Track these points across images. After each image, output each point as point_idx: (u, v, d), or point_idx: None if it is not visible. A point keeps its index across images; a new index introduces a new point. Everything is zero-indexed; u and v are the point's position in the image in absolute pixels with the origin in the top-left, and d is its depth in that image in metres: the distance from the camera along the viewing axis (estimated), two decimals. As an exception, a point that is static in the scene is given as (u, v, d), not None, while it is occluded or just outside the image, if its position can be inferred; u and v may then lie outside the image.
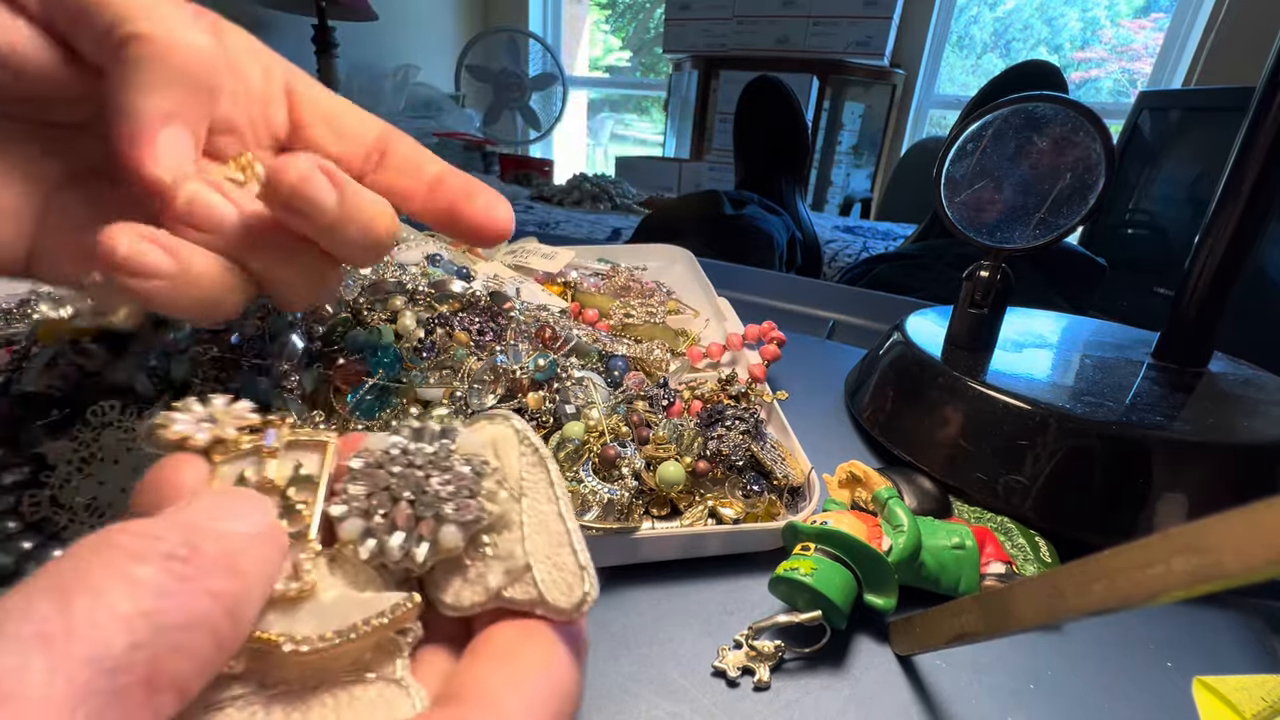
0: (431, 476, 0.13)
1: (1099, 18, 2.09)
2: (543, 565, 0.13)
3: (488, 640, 0.13)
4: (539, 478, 0.14)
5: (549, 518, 0.14)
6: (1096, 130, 0.32)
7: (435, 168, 0.19)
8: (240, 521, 0.11)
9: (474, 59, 2.42)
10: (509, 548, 0.14)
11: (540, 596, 0.13)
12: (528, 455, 0.14)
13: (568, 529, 0.13)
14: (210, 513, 0.11)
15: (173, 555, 0.09)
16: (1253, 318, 0.68)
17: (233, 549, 0.10)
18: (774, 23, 1.99)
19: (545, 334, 0.34)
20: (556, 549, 0.13)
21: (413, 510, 0.13)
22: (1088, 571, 0.15)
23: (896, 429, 0.36)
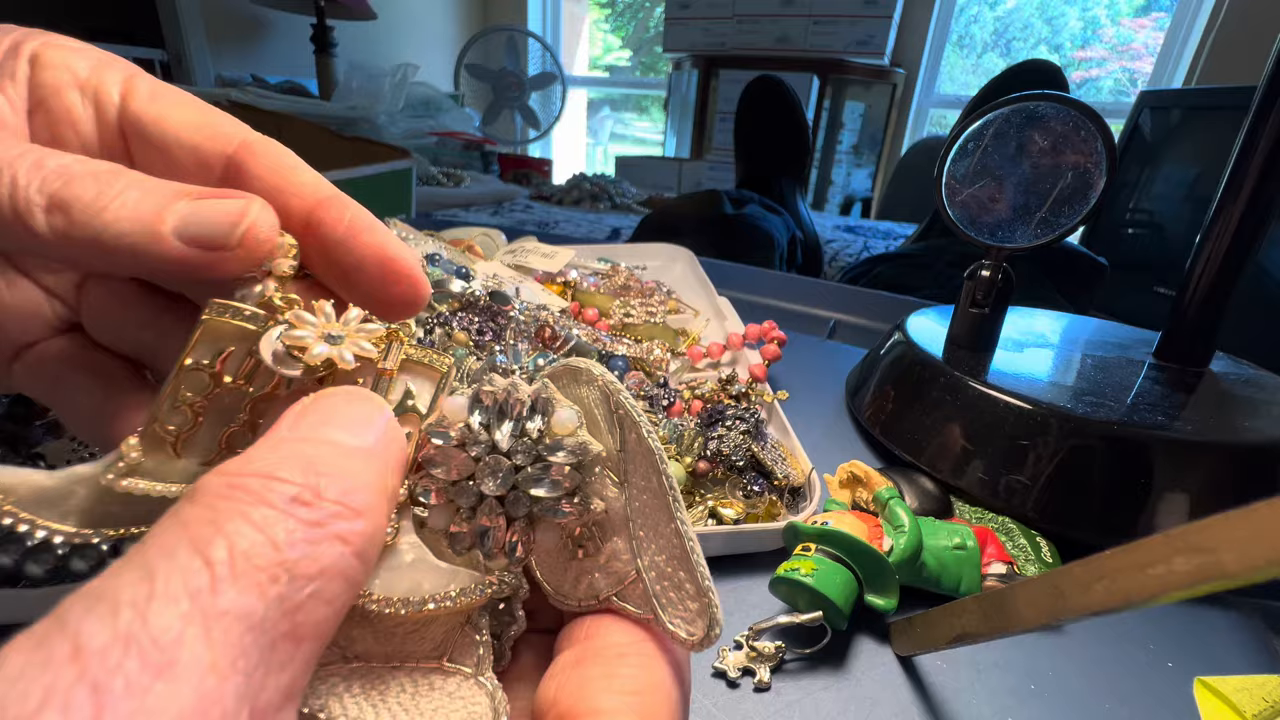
0: (523, 469, 0.11)
1: (1099, 17, 2.09)
2: (656, 579, 0.12)
3: (589, 640, 0.12)
4: (640, 455, 0.12)
5: (658, 514, 0.12)
6: (1097, 129, 0.32)
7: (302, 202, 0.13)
8: (356, 432, 0.10)
9: (473, 58, 2.42)
10: (616, 550, 0.12)
11: (656, 617, 0.12)
12: (630, 432, 0.12)
13: (682, 535, 0.11)
14: (323, 422, 0.10)
15: (297, 499, 0.09)
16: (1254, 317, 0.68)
17: (353, 480, 0.09)
18: (774, 22, 1.99)
19: (545, 333, 0.34)
20: (671, 562, 0.11)
21: (503, 509, 0.12)
22: (1089, 572, 0.15)
23: (897, 429, 0.36)
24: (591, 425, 0.12)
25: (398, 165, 0.90)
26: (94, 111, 0.13)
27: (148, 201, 0.12)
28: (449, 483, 0.11)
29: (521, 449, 0.11)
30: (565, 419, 0.11)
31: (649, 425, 0.12)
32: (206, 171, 0.14)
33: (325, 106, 1.50)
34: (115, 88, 0.13)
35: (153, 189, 0.12)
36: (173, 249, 0.11)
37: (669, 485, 0.11)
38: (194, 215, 0.12)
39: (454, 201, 1.43)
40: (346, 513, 0.09)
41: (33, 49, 0.13)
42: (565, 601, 0.12)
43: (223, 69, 1.96)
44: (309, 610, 0.08)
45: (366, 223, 0.13)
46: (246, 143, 0.13)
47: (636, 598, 0.12)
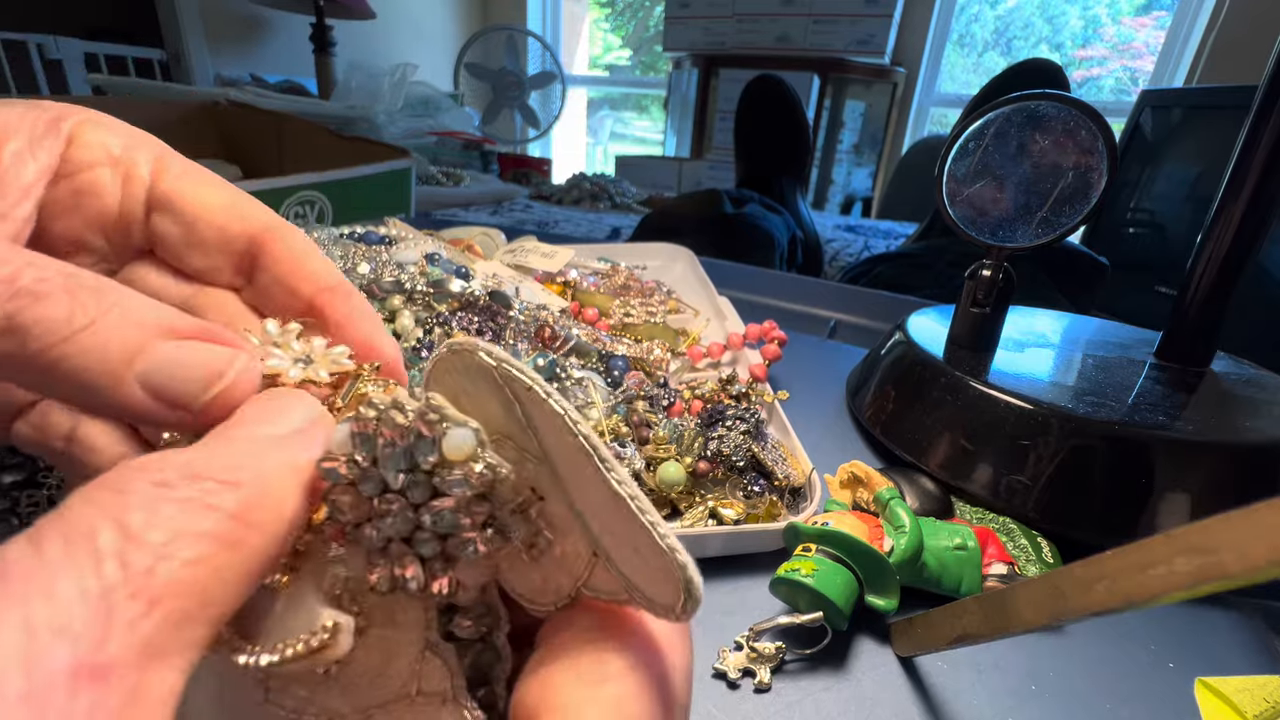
0: (422, 508, 0.10)
1: (1100, 16, 2.09)
2: (615, 551, 0.10)
3: (557, 633, 0.11)
4: (548, 422, 0.10)
5: (590, 483, 0.10)
6: (1098, 129, 0.32)
7: (311, 287, 0.14)
8: (266, 424, 0.10)
9: (473, 57, 2.42)
10: (561, 532, 0.11)
11: (630, 593, 0.10)
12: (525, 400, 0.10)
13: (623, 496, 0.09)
14: (236, 422, 0.10)
15: (161, 483, 0.09)
16: (1255, 317, 0.68)
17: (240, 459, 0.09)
18: (774, 21, 1.99)
19: (545, 333, 0.34)
20: (623, 531, 0.10)
21: (412, 551, 0.10)
22: (1090, 572, 0.15)
23: (898, 429, 0.36)
24: (488, 410, 0.11)
25: (397, 165, 0.90)
26: (120, 187, 0.14)
27: (123, 334, 0.10)
28: (352, 525, 0.10)
29: (416, 483, 0.10)
30: (458, 443, 0.10)
31: (546, 386, 0.10)
32: (228, 247, 0.14)
33: (324, 106, 1.50)
34: (146, 166, 0.14)
35: (136, 319, 0.11)
36: (130, 397, 0.11)
37: (588, 444, 0.10)
38: (168, 364, 0.11)
39: (453, 201, 1.43)
40: (218, 486, 0.09)
41: (70, 126, 0.14)
42: (540, 608, 0.11)
43: (222, 68, 1.96)
44: (160, 573, 0.08)
45: (363, 313, 0.14)
46: (269, 226, 0.14)
47: (604, 581, 0.11)
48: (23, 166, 0.13)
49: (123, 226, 0.14)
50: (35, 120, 0.13)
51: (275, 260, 0.14)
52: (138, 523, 0.08)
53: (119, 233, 0.14)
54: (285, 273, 0.14)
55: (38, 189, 0.13)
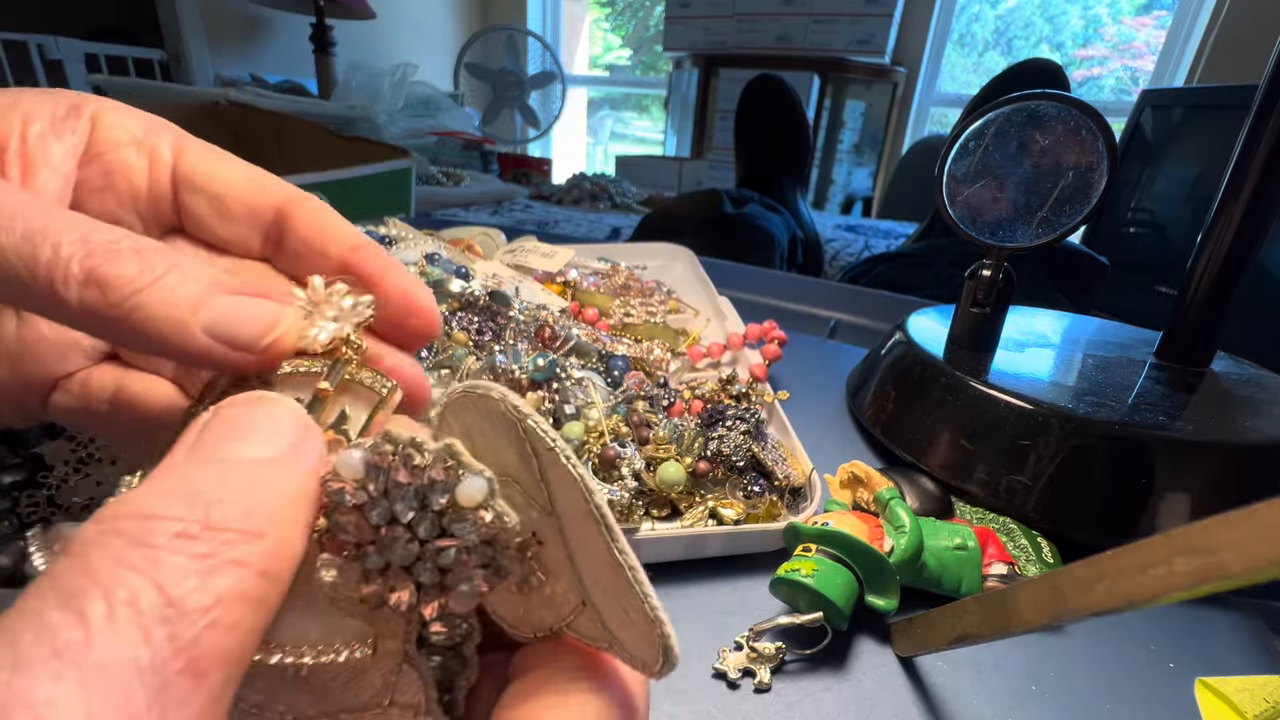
0: (427, 544, 0.10)
1: (1101, 15, 2.08)
2: (604, 606, 0.11)
3: (539, 667, 0.11)
4: (562, 482, 0.11)
5: (592, 542, 0.10)
6: (1098, 128, 0.32)
7: (339, 248, 0.15)
8: (260, 442, 0.10)
9: (473, 57, 2.42)
10: (558, 583, 0.11)
11: (613, 645, 0.11)
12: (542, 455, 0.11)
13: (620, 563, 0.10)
14: (222, 436, 0.10)
15: (182, 534, 0.08)
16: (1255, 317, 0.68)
17: (252, 498, 0.09)
18: (774, 20, 1.99)
19: (545, 333, 0.34)
20: (614, 592, 0.10)
21: (411, 576, 0.11)
22: (1090, 572, 0.15)
23: (898, 429, 0.36)
24: (502, 454, 0.11)
25: (397, 165, 0.90)
26: (147, 165, 0.15)
27: (186, 288, 0.12)
28: (353, 545, 0.11)
29: (424, 520, 0.10)
30: (472, 491, 0.10)
31: (566, 449, 0.10)
32: (256, 218, 0.15)
33: (324, 106, 1.50)
34: (167, 148, 0.15)
35: (193, 275, 0.12)
36: (199, 343, 0.12)
37: (598, 512, 0.10)
38: (227, 315, 0.12)
39: (453, 201, 1.43)
40: (242, 537, 0.09)
41: (92, 110, 0.15)
42: (520, 634, 0.12)
43: (222, 68, 1.96)
44: (207, 642, 0.08)
45: (394, 268, 0.15)
46: (292, 197, 0.15)
47: (587, 627, 0.11)
48: (48, 146, 0.14)
49: (154, 204, 0.15)
50: (55, 105, 0.14)
51: (302, 225, 0.15)
52: (175, 585, 0.08)
53: (151, 210, 0.15)
54: (313, 236, 0.15)
55: (67, 166, 0.14)
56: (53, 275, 0.11)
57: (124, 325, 0.11)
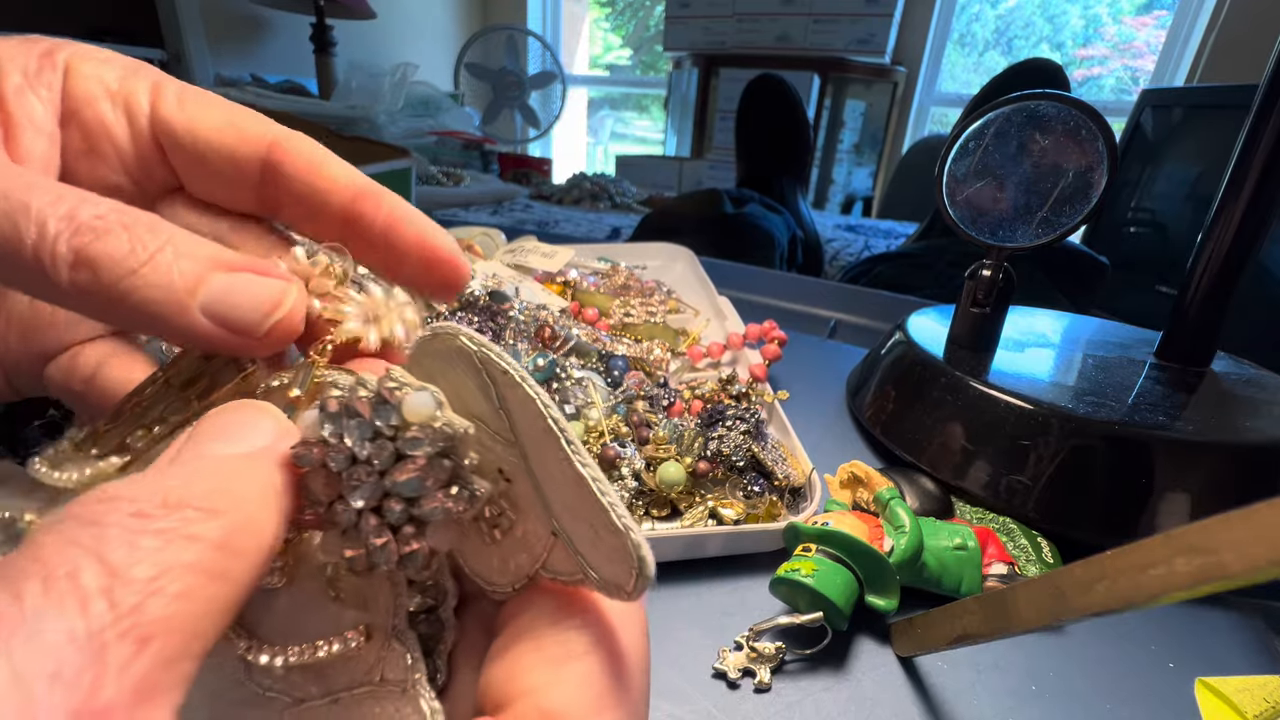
0: (389, 475, 0.10)
1: (1101, 15, 2.08)
2: (572, 532, 0.11)
3: (518, 616, 0.11)
4: (520, 405, 0.10)
5: (555, 464, 0.10)
6: (1098, 128, 0.32)
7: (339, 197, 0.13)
8: (234, 440, 0.10)
9: (473, 57, 2.42)
10: (524, 513, 0.11)
11: (585, 574, 0.10)
12: (501, 383, 0.10)
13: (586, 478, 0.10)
14: (201, 439, 0.10)
15: (138, 514, 0.08)
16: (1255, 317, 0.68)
17: (216, 483, 0.09)
18: (774, 20, 1.99)
19: (545, 333, 0.34)
20: (579, 509, 0.10)
21: (382, 521, 0.11)
22: (1090, 572, 0.15)
23: (898, 429, 0.36)
24: (463, 393, 0.11)
25: (397, 164, 0.90)
26: (126, 121, 0.13)
27: (181, 266, 0.11)
28: (325, 506, 0.11)
29: (379, 451, 0.10)
30: (416, 405, 0.10)
31: (521, 370, 0.10)
32: (244, 177, 0.13)
33: (325, 106, 1.50)
34: (144, 96, 0.13)
35: (188, 252, 0.11)
36: (198, 325, 0.11)
37: (557, 427, 0.10)
38: (227, 295, 0.11)
39: (453, 201, 1.43)
40: (201, 514, 0.09)
41: (64, 58, 0.13)
42: (498, 590, 0.12)
43: (222, 68, 1.96)
44: (153, 609, 0.08)
45: (404, 213, 0.13)
46: (276, 142, 0.13)
47: (561, 562, 0.11)
48: (27, 103, 0.12)
49: (142, 164, 0.14)
50: (29, 53, 0.13)
51: (293, 174, 0.13)
52: (121, 558, 0.08)
53: (141, 171, 0.14)
54: (307, 187, 0.13)
55: (50, 125, 0.13)
56: (41, 258, 0.10)
57: (119, 308, 0.11)
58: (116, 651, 0.07)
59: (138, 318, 0.11)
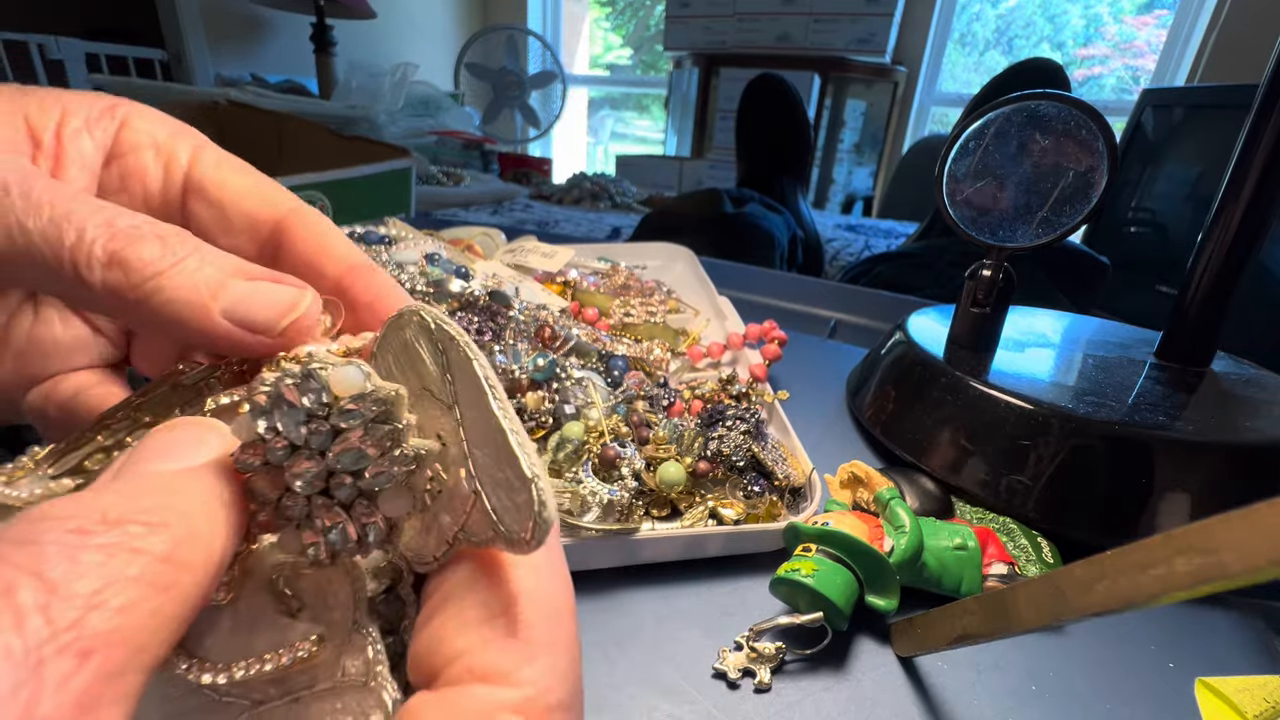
0: (330, 452, 0.10)
1: (1102, 15, 2.08)
2: (490, 491, 0.11)
3: (440, 585, 0.11)
4: (463, 376, 0.11)
5: (484, 421, 0.11)
6: (1099, 128, 0.32)
7: (335, 267, 0.15)
8: (177, 457, 0.10)
9: (473, 57, 2.42)
10: (454, 475, 0.11)
11: (495, 526, 0.10)
12: (449, 352, 0.11)
13: (502, 430, 0.10)
14: (142, 458, 0.10)
15: (77, 530, 0.08)
16: (1256, 317, 0.68)
17: (158, 499, 0.09)
18: (775, 20, 1.99)
19: (545, 333, 0.34)
20: (498, 463, 0.10)
21: (333, 500, 0.11)
22: (1090, 572, 0.15)
23: (898, 429, 0.36)
24: (419, 366, 0.11)
25: (397, 164, 0.90)
26: (163, 171, 0.15)
27: (205, 272, 0.12)
28: (273, 504, 0.11)
29: (315, 433, 0.10)
30: (343, 378, 0.10)
31: (462, 333, 0.11)
32: (255, 231, 0.15)
33: (325, 106, 1.50)
34: (185, 154, 0.15)
35: (212, 260, 0.12)
36: (218, 326, 0.12)
37: (487, 382, 0.10)
38: (247, 299, 0.12)
39: (454, 201, 1.43)
40: (143, 529, 0.08)
41: (123, 113, 0.15)
42: (427, 563, 0.12)
43: (222, 68, 1.96)
44: (94, 623, 0.08)
45: (389, 291, 0.15)
46: (294, 209, 0.15)
47: (478, 525, 0.11)
48: (80, 143, 0.14)
49: (163, 209, 0.15)
50: (93, 104, 0.15)
51: (300, 241, 0.15)
52: (59, 573, 0.08)
53: (160, 214, 0.15)
54: (310, 253, 0.15)
55: (95, 164, 0.15)
56: (77, 257, 0.11)
57: (145, 307, 0.12)
58: (55, 667, 0.07)
59: (162, 316, 0.12)
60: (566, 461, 0.28)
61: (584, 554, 0.26)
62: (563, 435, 0.28)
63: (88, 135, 0.14)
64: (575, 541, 0.25)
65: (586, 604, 0.25)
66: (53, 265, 0.11)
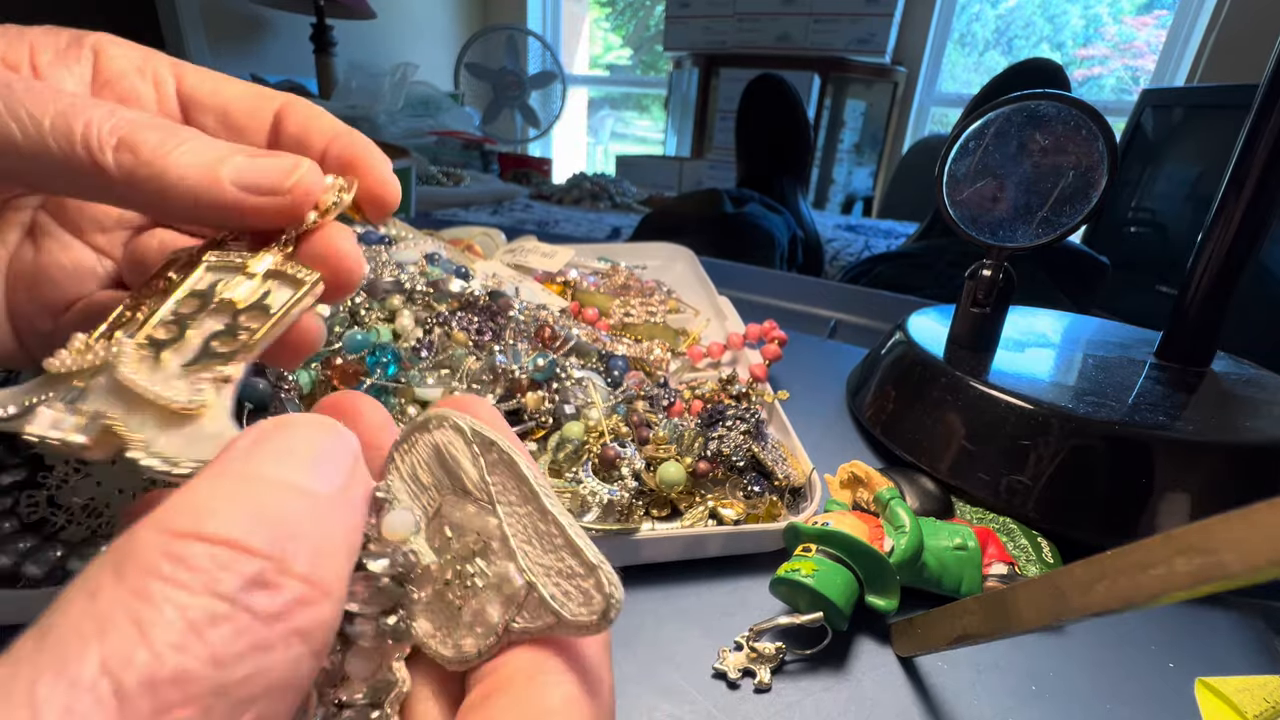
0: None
1: (1102, 15, 2.08)
2: (547, 577, 0.11)
3: (495, 672, 0.11)
4: (506, 477, 0.11)
5: (533, 519, 0.11)
6: (1099, 128, 0.32)
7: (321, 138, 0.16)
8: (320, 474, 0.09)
9: (473, 57, 2.42)
10: (500, 569, 0.11)
11: (556, 615, 0.10)
12: (486, 455, 0.12)
13: (561, 525, 0.11)
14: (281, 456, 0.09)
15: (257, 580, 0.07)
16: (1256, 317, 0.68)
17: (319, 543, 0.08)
18: (775, 20, 1.99)
19: (545, 333, 0.34)
20: (556, 553, 0.11)
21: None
22: (1090, 572, 0.15)
23: (898, 429, 0.36)
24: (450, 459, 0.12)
25: (397, 165, 0.90)
26: (154, 90, 0.16)
27: (208, 152, 0.13)
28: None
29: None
30: (396, 523, 0.11)
31: (505, 440, 0.12)
32: (260, 122, 0.16)
33: (325, 106, 1.50)
34: (168, 73, 0.16)
35: (211, 143, 0.13)
36: (227, 192, 0.13)
37: (539, 487, 0.11)
38: (251, 167, 0.13)
39: (454, 201, 1.43)
40: (312, 594, 0.07)
41: (92, 43, 0.16)
42: (465, 660, 0.11)
43: (222, 68, 1.94)
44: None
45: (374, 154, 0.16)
46: (288, 100, 0.16)
47: (534, 611, 0.11)
48: (58, 74, 0.15)
49: None
50: (58, 36, 0.15)
51: (291, 124, 0.16)
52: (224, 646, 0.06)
53: None
54: (299, 131, 0.16)
55: (84, 91, 0.15)
56: (89, 142, 0.12)
57: (157, 184, 0.12)
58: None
59: (174, 191, 0.13)
60: (566, 461, 0.28)
61: (584, 554, 0.26)
62: (563, 435, 0.28)
63: (63, 68, 0.15)
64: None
65: (586, 604, 0.25)
66: (66, 152, 0.12)
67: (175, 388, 0.12)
